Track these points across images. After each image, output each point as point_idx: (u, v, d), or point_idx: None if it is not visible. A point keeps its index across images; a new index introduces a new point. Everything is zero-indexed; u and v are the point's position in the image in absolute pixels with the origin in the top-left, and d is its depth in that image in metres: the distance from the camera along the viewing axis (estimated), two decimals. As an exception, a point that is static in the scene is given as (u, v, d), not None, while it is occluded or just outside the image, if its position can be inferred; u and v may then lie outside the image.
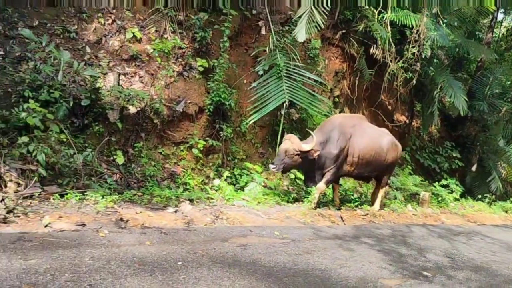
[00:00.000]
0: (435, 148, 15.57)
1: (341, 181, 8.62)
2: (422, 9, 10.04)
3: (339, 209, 7.41)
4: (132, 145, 7.33)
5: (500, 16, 17.25)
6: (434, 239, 6.51)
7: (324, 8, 8.73)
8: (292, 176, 8.72)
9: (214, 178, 8.16)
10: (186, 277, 3.20)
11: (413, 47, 10.19)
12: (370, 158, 7.50)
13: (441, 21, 11.94)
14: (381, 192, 8.26)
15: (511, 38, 18.37)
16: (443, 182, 11.87)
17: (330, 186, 7.90)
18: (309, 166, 7.07)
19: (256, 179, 7.64)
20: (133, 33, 8.30)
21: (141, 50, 8.32)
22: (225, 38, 8.15)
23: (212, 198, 6.45)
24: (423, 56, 10.43)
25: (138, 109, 7.44)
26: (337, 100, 11.59)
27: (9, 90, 6.37)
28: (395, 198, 9.73)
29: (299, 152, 6.70)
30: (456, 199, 11.66)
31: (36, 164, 4.92)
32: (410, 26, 10.32)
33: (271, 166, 6.69)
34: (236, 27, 9.38)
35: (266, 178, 8.54)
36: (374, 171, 7.92)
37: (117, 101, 7.20)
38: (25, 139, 5.08)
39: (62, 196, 4.88)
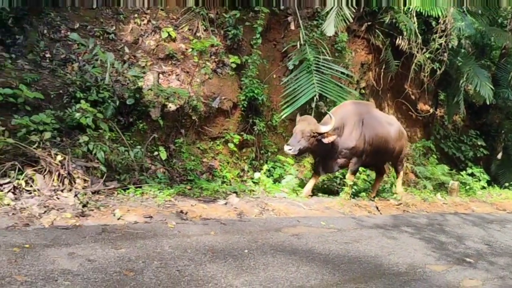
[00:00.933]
0: (460, 137, 15.58)
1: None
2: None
3: (372, 200, 7.62)
4: (173, 141, 7.64)
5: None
6: (469, 227, 6.71)
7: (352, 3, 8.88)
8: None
9: (248, 171, 8.46)
10: (256, 264, 3.49)
11: (440, 37, 10.27)
12: (381, 147, 7.35)
13: (465, 10, 11.97)
14: (400, 180, 8.42)
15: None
16: (470, 170, 11.95)
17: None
18: (323, 152, 6.79)
19: (291, 171, 7.87)
20: (168, 32, 8.57)
21: (176, 49, 8.60)
22: (258, 35, 8.41)
23: (253, 191, 6.74)
24: (449, 46, 10.51)
25: (178, 106, 7.73)
26: (363, 91, 11.73)
27: (61, 91, 6.72)
28: (425, 187, 9.89)
29: (316, 134, 6.36)
30: (483, 187, 11.76)
31: (96, 161, 5.25)
32: (436, 16, 10.39)
33: (286, 147, 6.31)
34: (265, 23, 9.59)
35: (297, 170, 8.79)
36: (382, 160, 7.88)
37: (158, 99, 7.50)
38: (85, 138, 5.42)
39: (124, 190, 5.22)
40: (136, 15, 8.73)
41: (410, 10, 10.50)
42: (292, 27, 9.68)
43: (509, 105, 15.39)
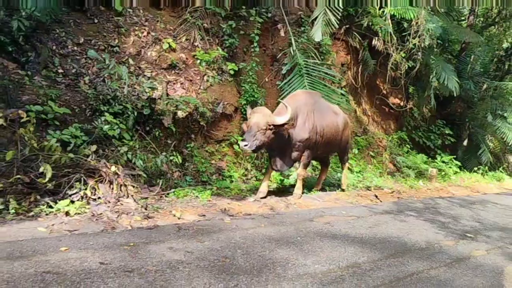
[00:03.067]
0: (428, 127, 16.77)
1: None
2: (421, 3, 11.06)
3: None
4: (184, 145, 8.16)
5: None
6: (458, 209, 7.62)
7: (337, 9, 9.64)
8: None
9: (251, 170, 9.08)
10: (312, 247, 4.15)
11: (413, 38, 11.21)
12: (330, 137, 7.15)
13: (430, 10, 13.00)
14: (345, 170, 8.22)
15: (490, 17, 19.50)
16: (443, 158, 13.03)
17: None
18: (279, 146, 6.35)
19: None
20: (169, 43, 9.05)
21: (177, 59, 9.10)
22: (255, 44, 9.03)
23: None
24: (422, 46, 11.47)
25: (187, 113, 8.25)
26: (344, 89, 12.56)
27: (83, 105, 7.11)
28: (408, 175, 10.82)
29: (272, 126, 5.86)
30: (455, 173, 12.87)
31: (138, 169, 5.75)
32: (409, 18, 11.32)
33: (242, 143, 5.71)
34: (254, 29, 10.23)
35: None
36: (331, 151, 7.77)
37: (168, 108, 8.00)
38: (125, 148, 5.89)
39: (167, 194, 5.74)
40: (136, 27, 9.15)
41: (384, 13, 11.38)
42: (282, 33, 10.34)
43: (471, 95, 16.71)
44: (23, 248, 3.29)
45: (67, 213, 4.29)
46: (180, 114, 8.19)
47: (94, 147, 5.48)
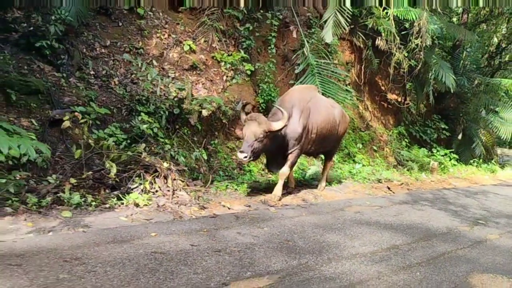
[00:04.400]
0: (425, 122, 17.49)
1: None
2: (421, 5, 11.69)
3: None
4: (209, 142, 8.69)
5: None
6: (464, 198, 8.30)
7: (347, 11, 10.22)
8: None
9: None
10: (354, 233, 4.75)
11: (415, 38, 11.85)
12: (327, 133, 6.98)
13: (429, 10, 13.65)
14: (329, 168, 7.89)
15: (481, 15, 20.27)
16: (442, 152, 13.75)
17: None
18: (275, 148, 6.26)
19: (314, 162, 9.15)
20: (189, 45, 9.55)
21: (198, 60, 9.60)
22: (272, 46, 9.56)
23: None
24: (423, 46, 12.12)
25: (210, 112, 8.77)
26: (349, 86, 13.17)
27: (118, 105, 7.60)
28: (412, 168, 11.49)
29: (268, 133, 5.78)
30: (453, 165, 13.60)
31: (181, 165, 6.27)
32: (411, 19, 11.95)
33: (240, 155, 5.62)
34: (267, 31, 10.78)
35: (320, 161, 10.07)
36: (328, 146, 7.46)
37: (193, 107, 8.51)
38: (168, 146, 6.41)
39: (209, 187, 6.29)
40: (157, 30, 9.62)
41: (388, 14, 11.98)
42: (294, 35, 10.89)
43: (465, 91, 17.46)
44: (122, 234, 3.81)
45: (136, 205, 4.81)
46: (205, 113, 8.69)
47: (143, 145, 5.97)
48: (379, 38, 12.42)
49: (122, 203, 4.81)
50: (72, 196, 4.55)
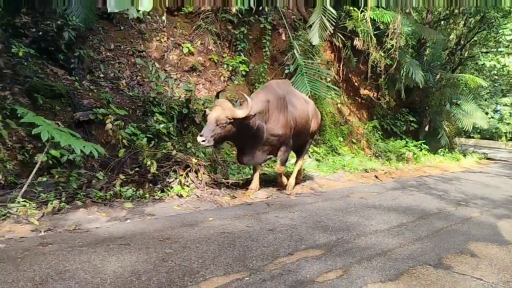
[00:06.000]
0: (395, 115, 18.73)
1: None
2: (396, 8, 12.74)
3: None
4: (213, 139, 9.35)
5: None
6: (442, 184, 9.37)
7: (331, 15, 11.09)
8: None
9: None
10: (367, 214, 5.61)
11: (390, 39, 12.89)
12: (301, 128, 6.83)
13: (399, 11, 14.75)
14: (300, 164, 7.60)
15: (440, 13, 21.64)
16: (414, 143, 14.95)
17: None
18: (245, 139, 6.05)
19: (310, 156, 10.00)
20: (188, 47, 10.16)
21: (196, 61, 10.23)
22: (266, 49, 10.32)
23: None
24: (398, 46, 13.19)
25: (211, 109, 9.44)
26: (329, 84, 14.11)
27: (133, 107, 8.16)
28: (390, 159, 12.56)
29: (232, 120, 5.59)
30: (424, 155, 14.82)
31: (203, 160, 6.95)
32: (386, 21, 12.97)
33: (199, 138, 5.42)
34: (258, 33, 11.52)
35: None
36: (301, 142, 7.29)
37: (198, 107, 9.16)
38: (190, 144, 7.07)
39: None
40: (156, 33, 10.17)
41: (365, 17, 12.96)
42: (283, 37, 11.67)
43: (430, 86, 18.76)
44: (187, 220, 4.50)
45: (180, 196, 5.49)
46: (208, 112, 9.36)
47: (169, 143, 6.61)
48: (357, 38, 13.38)
49: (167, 195, 5.47)
50: (126, 190, 5.18)
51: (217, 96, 6.23)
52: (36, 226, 3.89)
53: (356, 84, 17.44)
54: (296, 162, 7.67)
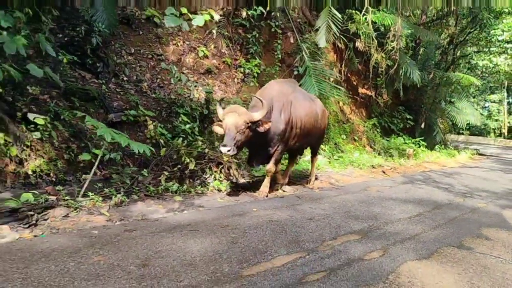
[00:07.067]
0: (392, 113, 19.41)
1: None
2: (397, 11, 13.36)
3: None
4: (230, 138, 9.89)
5: None
6: (446, 178, 10.01)
7: (337, 19, 11.68)
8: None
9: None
10: (387, 205, 6.18)
11: (391, 41, 13.52)
12: (310, 127, 6.82)
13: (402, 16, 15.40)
14: (315, 163, 7.88)
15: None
16: (413, 140, 15.62)
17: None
18: (258, 142, 5.96)
19: (320, 152, 10.57)
20: (203, 51, 10.68)
21: (211, 64, 10.75)
22: (278, 52, 10.85)
23: (307, 170, 9.31)
24: (398, 48, 13.82)
25: (229, 111, 9.97)
26: (332, 83, 14.70)
27: (158, 108, 8.66)
28: (393, 155, 13.20)
29: (250, 124, 5.53)
30: (422, 151, 15.50)
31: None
32: (387, 24, 13.59)
33: (223, 149, 5.29)
34: (267, 36, 12.07)
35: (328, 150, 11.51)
36: (312, 141, 7.41)
37: (215, 107, 9.67)
38: (217, 143, 7.59)
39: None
40: (173, 37, 10.67)
41: (367, 20, 13.57)
42: (291, 40, 12.23)
43: (424, 84, 19.47)
44: (235, 210, 5.04)
45: (219, 190, 6.03)
46: (221, 116, 9.88)
47: (200, 142, 7.14)
48: (359, 40, 13.98)
49: (206, 189, 6.01)
50: (172, 185, 5.71)
51: (219, 104, 6.14)
52: (108, 216, 4.41)
53: (355, 83, 18.07)
54: (311, 159, 7.88)
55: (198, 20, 4.74)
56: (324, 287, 3.05)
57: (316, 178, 7.83)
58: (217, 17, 5.26)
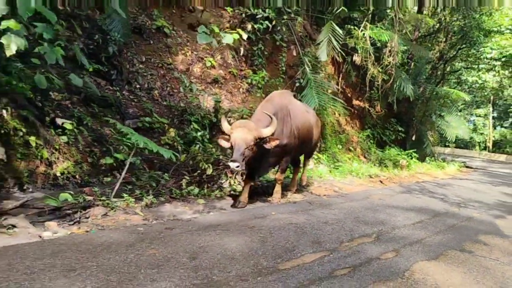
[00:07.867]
0: (384, 125, 20.01)
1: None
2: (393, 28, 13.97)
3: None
4: (236, 146, 10.31)
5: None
6: (439, 189, 10.55)
7: (338, 34, 12.23)
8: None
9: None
10: (390, 212, 6.65)
11: (388, 56, 14.13)
12: (305, 137, 6.95)
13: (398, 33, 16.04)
14: (306, 167, 8.19)
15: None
16: (405, 152, 16.21)
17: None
18: (260, 155, 5.93)
19: (322, 161, 11.05)
20: (210, 61, 11.12)
21: (218, 74, 11.19)
22: (283, 64, 11.34)
23: (311, 177, 9.76)
24: (394, 63, 14.44)
25: (236, 119, 10.40)
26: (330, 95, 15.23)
27: (170, 115, 9.05)
28: (387, 166, 13.73)
29: (258, 140, 5.56)
30: (414, 162, 16.09)
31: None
32: (384, 40, 14.20)
33: (232, 164, 5.22)
34: (270, 49, 12.56)
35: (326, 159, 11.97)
36: (304, 151, 7.61)
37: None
38: (228, 150, 8.00)
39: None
40: (182, 47, 11.09)
41: (364, 35, 14.16)
42: (294, 53, 12.74)
43: (416, 98, 20.13)
44: (256, 213, 5.46)
45: (235, 195, 6.44)
46: (233, 120, 10.32)
47: (214, 149, 7.55)
48: (356, 54, 14.56)
49: (224, 193, 6.42)
50: (193, 188, 6.11)
51: (225, 117, 6.11)
52: (143, 216, 4.79)
53: (349, 95, 18.63)
54: (304, 165, 8.18)
55: (228, 39, 5.18)
56: (352, 280, 3.48)
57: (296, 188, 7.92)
58: (245, 36, 5.69)
